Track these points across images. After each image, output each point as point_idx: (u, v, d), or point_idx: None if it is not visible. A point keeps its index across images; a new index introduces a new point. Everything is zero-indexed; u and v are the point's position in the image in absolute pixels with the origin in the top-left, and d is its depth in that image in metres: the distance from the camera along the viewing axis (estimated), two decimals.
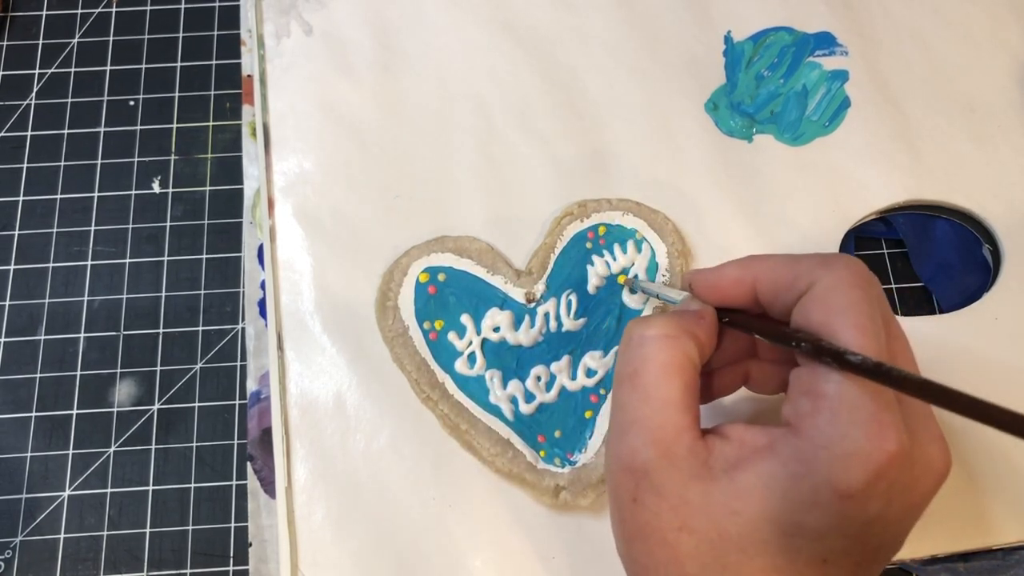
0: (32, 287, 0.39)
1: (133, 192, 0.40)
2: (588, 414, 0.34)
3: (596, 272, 0.36)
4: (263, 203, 0.38)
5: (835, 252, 0.26)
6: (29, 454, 0.36)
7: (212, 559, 0.35)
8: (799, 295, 0.25)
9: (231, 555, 0.35)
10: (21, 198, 0.40)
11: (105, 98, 0.42)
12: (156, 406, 0.37)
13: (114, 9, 0.44)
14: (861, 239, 0.40)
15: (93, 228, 0.39)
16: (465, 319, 0.35)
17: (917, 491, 0.23)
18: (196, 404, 0.37)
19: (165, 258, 0.39)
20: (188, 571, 0.35)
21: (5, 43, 0.43)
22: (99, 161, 0.41)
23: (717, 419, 0.32)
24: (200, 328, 0.38)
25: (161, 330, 0.38)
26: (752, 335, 0.28)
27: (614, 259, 0.36)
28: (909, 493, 0.23)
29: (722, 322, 0.28)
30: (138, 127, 0.41)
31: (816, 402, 0.23)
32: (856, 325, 0.23)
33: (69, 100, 0.42)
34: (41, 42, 0.43)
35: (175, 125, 0.41)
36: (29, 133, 0.41)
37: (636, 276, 0.36)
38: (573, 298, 0.36)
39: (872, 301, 0.24)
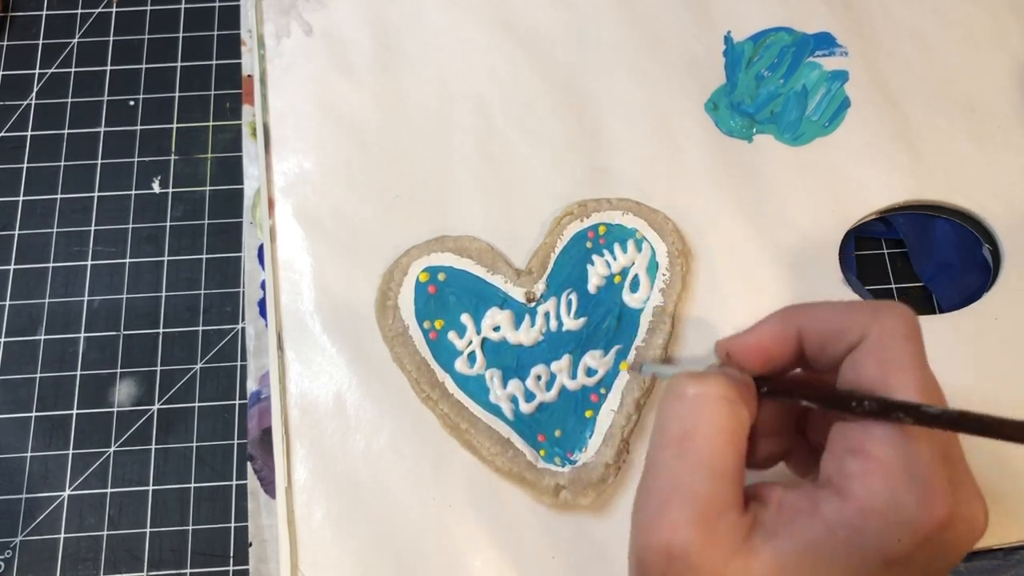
0: (32, 287, 0.39)
1: (133, 192, 0.40)
2: (588, 413, 0.34)
3: (596, 272, 0.36)
4: (263, 203, 0.38)
5: (883, 300, 0.25)
6: (29, 454, 0.36)
7: (212, 559, 0.35)
8: (849, 346, 0.24)
9: (231, 555, 0.35)
10: (21, 198, 0.40)
11: (105, 98, 0.42)
12: (156, 406, 0.37)
13: (114, 9, 0.44)
14: (861, 239, 0.40)
15: (93, 228, 0.39)
16: (465, 319, 0.35)
17: (957, 550, 0.22)
18: (196, 404, 0.37)
19: (165, 258, 0.39)
20: (188, 571, 0.34)
21: (5, 43, 0.43)
22: (99, 161, 0.41)
23: None
24: (200, 328, 0.38)
25: (161, 330, 0.38)
26: (799, 402, 0.25)
27: (614, 259, 0.36)
28: (950, 553, 0.22)
29: (761, 393, 0.25)
30: (138, 127, 0.41)
31: (866, 463, 0.22)
32: (916, 381, 0.22)
33: (69, 100, 0.42)
34: (41, 42, 0.43)
35: (175, 125, 0.41)
36: (29, 133, 0.41)
37: (642, 364, 0.34)
38: (573, 297, 0.36)
39: (924, 354, 0.23)
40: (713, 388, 0.24)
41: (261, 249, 0.38)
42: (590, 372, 0.35)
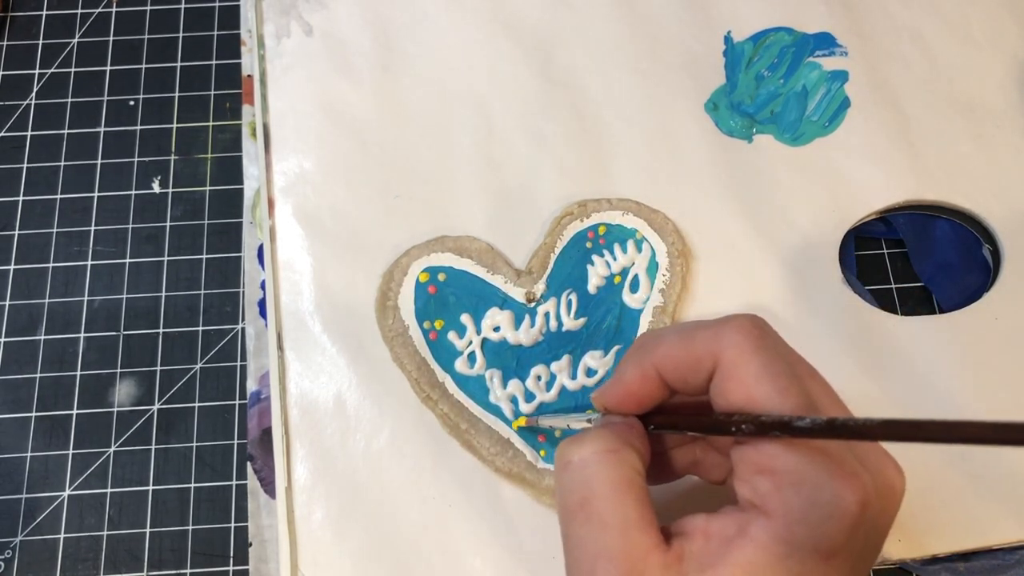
0: (32, 287, 0.39)
1: (133, 192, 0.40)
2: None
3: (596, 272, 0.36)
4: (263, 203, 0.38)
5: (726, 317, 0.25)
6: (29, 454, 0.36)
7: (212, 559, 0.35)
8: (708, 374, 0.24)
9: (231, 555, 0.35)
10: (21, 198, 0.40)
11: (105, 98, 0.42)
12: (156, 406, 0.37)
13: (114, 9, 0.44)
14: (861, 239, 0.40)
15: (93, 228, 0.39)
16: (465, 319, 0.35)
17: (884, 520, 0.23)
18: (196, 404, 0.37)
19: (165, 258, 0.39)
20: (188, 571, 0.34)
21: (5, 43, 0.43)
22: (99, 161, 0.41)
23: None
24: (200, 328, 0.38)
25: (161, 330, 0.38)
26: (685, 434, 0.26)
27: (614, 259, 0.36)
28: (879, 525, 0.23)
29: (649, 431, 0.26)
30: (138, 127, 0.41)
31: (775, 479, 0.22)
32: (777, 389, 0.22)
33: (69, 100, 0.42)
34: (41, 42, 0.43)
35: (175, 125, 0.41)
36: (29, 133, 0.41)
37: (538, 416, 0.34)
38: (573, 298, 0.36)
39: (777, 356, 0.23)
40: (591, 445, 0.24)
41: (261, 249, 0.38)
42: (590, 372, 0.35)
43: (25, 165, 0.41)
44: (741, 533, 0.22)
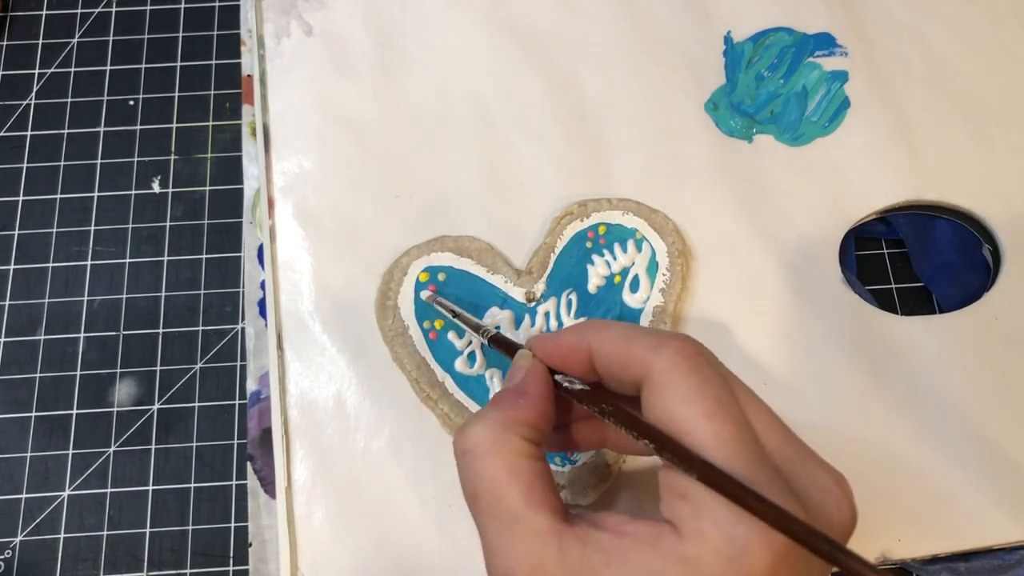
0: (32, 287, 0.39)
1: (133, 192, 0.40)
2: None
3: (596, 272, 0.36)
4: (263, 203, 0.38)
5: (667, 334, 0.25)
6: (29, 454, 0.36)
7: (212, 559, 0.35)
8: (634, 380, 0.24)
9: (231, 555, 0.35)
10: (21, 198, 0.40)
11: (105, 98, 0.42)
12: (156, 406, 0.37)
13: (114, 9, 0.44)
14: (861, 239, 0.40)
15: (93, 228, 0.39)
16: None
17: (818, 566, 0.22)
18: (196, 404, 0.37)
19: (165, 258, 0.39)
20: (188, 571, 0.34)
21: (5, 43, 0.43)
22: (99, 161, 0.41)
23: None
24: (200, 328, 0.38)
25: (161, 330, 0.38)
26: (597, 413, 0.25)
27: (614, 259, 0.36)
28: (814, 562, 0.21)
29: (571, 396, 0.26)
30: (138, 127, 0.41)
31: (695, 507, 0.22)
32: (702, 412, 0.22)
33: (69, 100, 0.42)
34: (41, 42, 0.43)
35: (175, 125, 0.41)
36: (29, 133, 0.41)
37: (444, 300, 0.35)
38: (573, 297, 0.36)
39: (713, 381, 0.23)
40: (473, 439, 0.25)
41: (261, 249, 0.38)
42: None
43: (25, 165, 0.41)
44: (654, 542, 0.22)
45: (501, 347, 0.30)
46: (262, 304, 0.37)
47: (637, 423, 0.23)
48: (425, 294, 0.35)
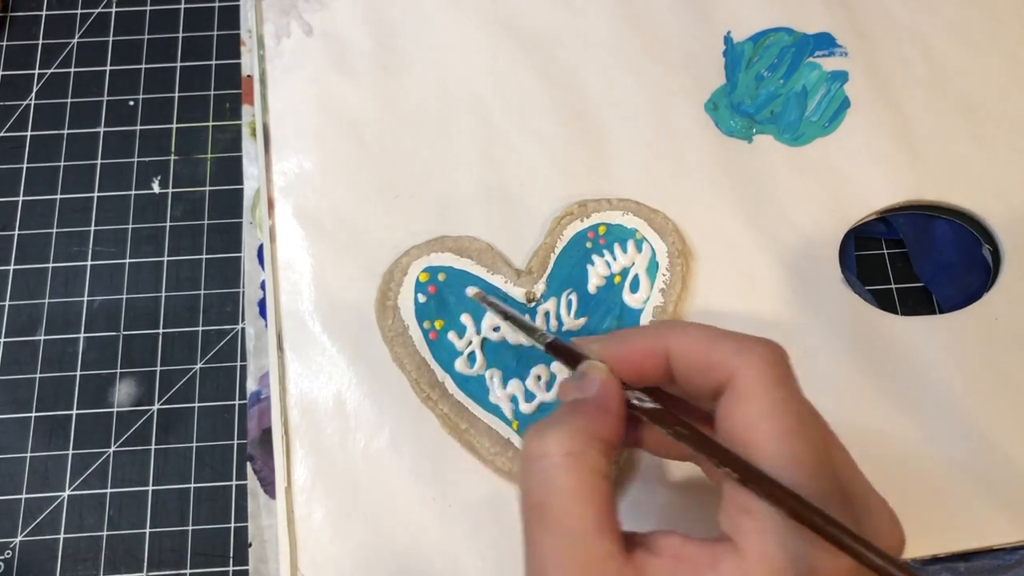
0: (32, 287, 0.39)
1: (133, 192, 0.40)
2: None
3: (596, 272, 0.36)
4: (263, 203, 0.38)
5: (751, 338, 0.24)
6: (29, 454, 0.36)
7: (212, 559, 0.35)
8: (717, 385, 0.23)
9: (231, 555, 0.35)
10: (21, 198, 0.40)
11: (105, 98, 0.42)
12: (156, 406, 0.37)
13: (114, 9, 0.44)
14: (861, 239, 0.40)
15: (93, 228, 0.39)
16: (465, 319, 0.35)
17: None
18: (196, 404, 0.37)
19: (165, 258, 0.39)
20: (188, 571, 0.34)
21: (5, 43, 0.43)
22: (99, 161, 0.41)
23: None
24: (200, 328, 0.38)
25: (161, 330, 0.38)
26: (675, 440, 0.24)
27: (614, 259, 0.36)
28: None
29: (644, 416, 0.25)
30: (138, 127, 0.41)
31: (759, 522, 0.21)
32: (784, 431, 0.22)
33: (69, 100, 0.42)
34: (41, 42, 0.43)
35: (175, 125, 0.41)
36: (29, 133, 0.41)
37: (495, 298, 0.34)
38: (573, 297, 0.36)
39: (795, 396, 0.22)
40: (554, 445, 0.23)
41: (261, 249, 0.38)
42: None
43: (25, 165, 0.41)
44: (712, 563, 0.22)
45: (561, 354, 0.28)
46: (262, 304, 0.37)
47: (717, 448, 0.22)
48: (472, 291, 0.35)
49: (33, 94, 0.42)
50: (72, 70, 0.42)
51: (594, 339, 0.27)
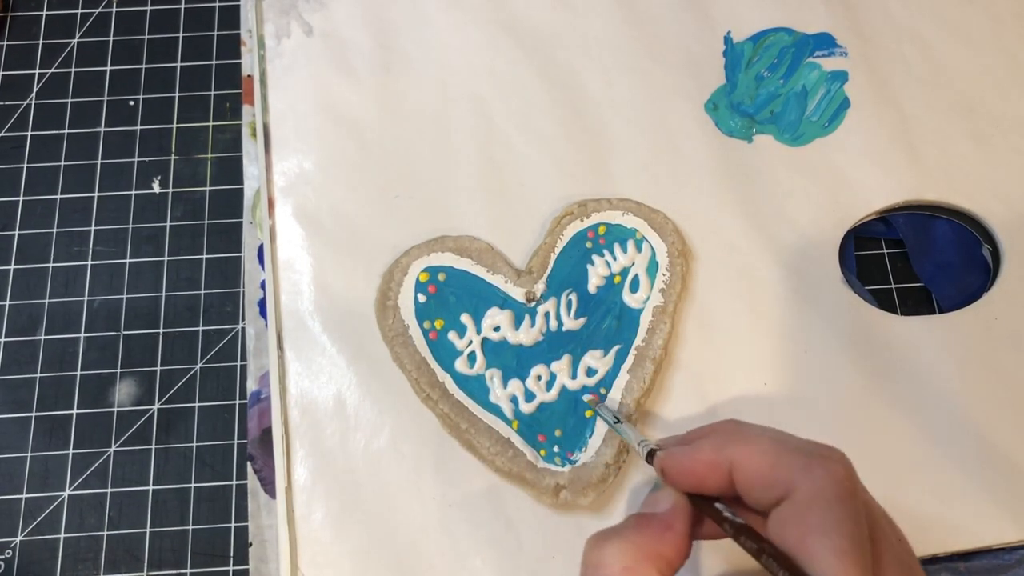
0: (32, 287, 0.39)
1: (133, 192, 0.40)
2: (588, 413, 0.34)
3: (596, 272, 0.36)
4: (263, 203, 0.38)
5: (821, 449, 0.24)
6: (29, 454, 0.36)
7: (212, 559, 0.35)
8: (777, 498, 0.23)
9: (231, 555, 0.35)
10: (21, 198, 0.40)
11: (105, 98, 0.42)
12: (156, 406, 0.37)
13: (114, 9, 0.44)
14: (861, 239, 0.40)
15: (93, 228, 0.39)
16: (465, 318, 0.35)
17: None
18: (196, 404, 0.37)
19: (165, 258, 0.39)
20: (188, 571, 0.34)
21: (5, 43, 0.43)
22: (99, 161, 0.41)
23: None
24: (200, 328, 0.38)
25: (161, 330, 0.38)
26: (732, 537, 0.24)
27: (614, 259, 0.36)
28: None
29: (735, 534, 0.25)
30: (138, 127, 0.41)
31: None
32: (837, 550, 0.21)
33: (69, 100, 0.42)
34: (41, 42, 0.43)
35: (175, 125, 0.41)
36: (29, 133, 0.41)
37: (603, 399, 0.34)
38: (573, 297, 0.36)
39: (856, 516, 0.22)
40: (612, 558, 0.24)
41: (261, 249, 0.38)
42: (590, 372, 0.35)
43: (25, 165, 0.41)
44: None
45: (653, 461, 0.28)
46: (262, 304, 0.37)
47: (796, 570, 0.22)
48: (588, 397, 0.34)
49: (33, 94, 0.42)
50: (72, 70, 0.42)
51: (667, 451, 0.27)
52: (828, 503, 0.22)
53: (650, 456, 0.28)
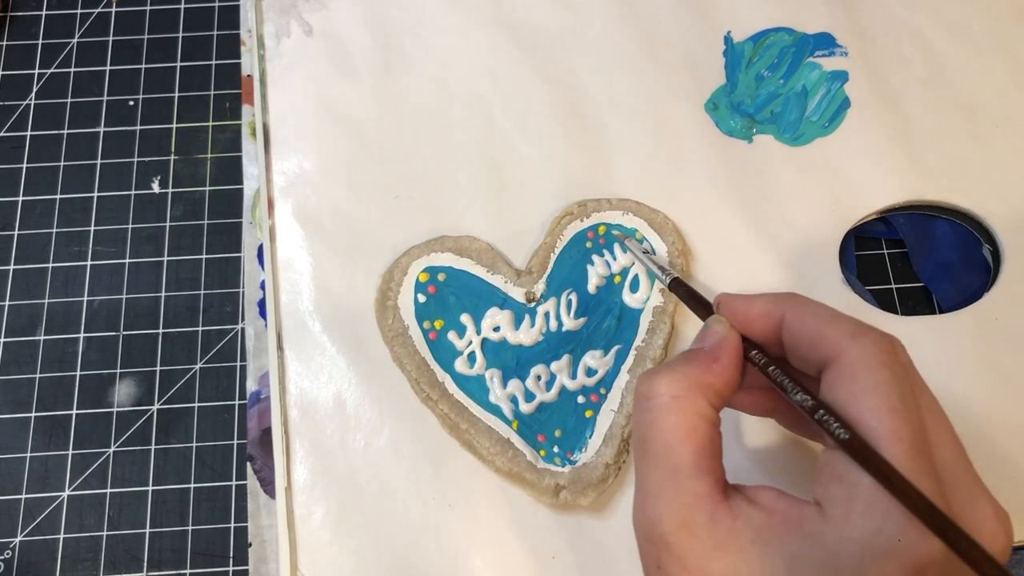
0: (32, 287, 0.39)
1: (133, 192, 0.40)
2: (588, 413, 0.34)
3: (596, 271, 0.36)
4: (263, 203, 0.38)
5: (869, 326, 0.24)
6: (29, 454, 0.36)
7: (212, 559, 0.35)
8: (823, 360, 0.24)
9: (231, 555, 0.35)
10: (21, 198, 0.40)
11: (105, 98, 0.42)
12: (156, 406, 0.37)
13: (114, 9, 0.44)
14: (861, 239, 0.40)
15: (93, 228, 0.39)
16: (465, 319, 0.35)
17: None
18: (196, 404, 0.37)
19: (165, 258, 0.39)
20: (188, 571, 0.34)
21: (5, 43, 0.43)
22: (99, 161, 0.41)
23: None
24: (200, 328, 0.38)
25: (161, 330, 0.38)
26: (779, 391, 0.25)
27: (614, 259, 0.36)
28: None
29: (747, 357, 0.26)
30: (138, 127, 0.41)
31: (851, 490, 0.21)
32: (889, 407, 0.22)
33: (69, 100, 0.42)
34: (41, 42, 0.43)
35: (175, 125, 0.41)
36: (29, 133, 0.41)
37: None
38: (573, 297, 0.36)
39: (902, 380, 0.23)
40: (660, 386, 0.25)
41: (261, 249, 0.38)
42: (590, 372, 0.35)
43: (25, 165, 0.41)
44: (799, 524, 0.22)
45: (686, 298, 0.30)
46: (262, 304, 0.37)
47: (833, 412, 0.23)
48: (617, 232, 0.36)
49: (33, 94, 0.42)
50: (72, 70, 0.42)
51: (724, 295, 0.28)
52: (875, 366, 0.23)
53: (675, 284, 0.31)
